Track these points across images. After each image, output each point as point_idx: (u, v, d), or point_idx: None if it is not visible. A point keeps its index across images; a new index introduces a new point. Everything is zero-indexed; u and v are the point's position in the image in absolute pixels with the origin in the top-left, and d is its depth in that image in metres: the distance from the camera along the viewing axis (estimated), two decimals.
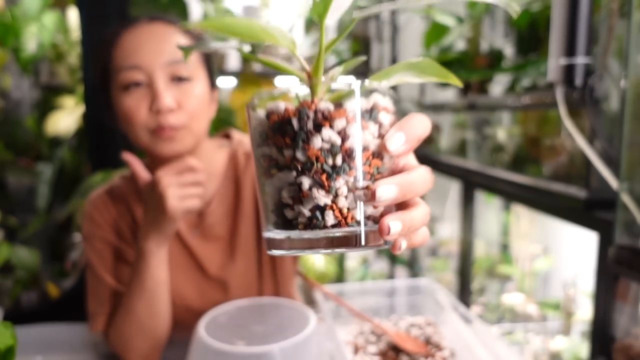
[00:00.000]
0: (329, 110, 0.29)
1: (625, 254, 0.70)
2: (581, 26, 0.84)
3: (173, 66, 0.70)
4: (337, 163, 0.29)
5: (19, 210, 2.22)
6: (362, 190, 0.29)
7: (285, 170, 0.30)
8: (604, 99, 0.85)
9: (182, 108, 0.70)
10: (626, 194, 0.70)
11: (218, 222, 0.81)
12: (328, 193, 0.29)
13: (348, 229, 0.29)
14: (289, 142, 0.29)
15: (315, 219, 0.29)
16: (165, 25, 0.73)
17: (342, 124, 0.29)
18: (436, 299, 0.86)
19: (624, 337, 0.77)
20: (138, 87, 0.70)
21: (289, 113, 0.29)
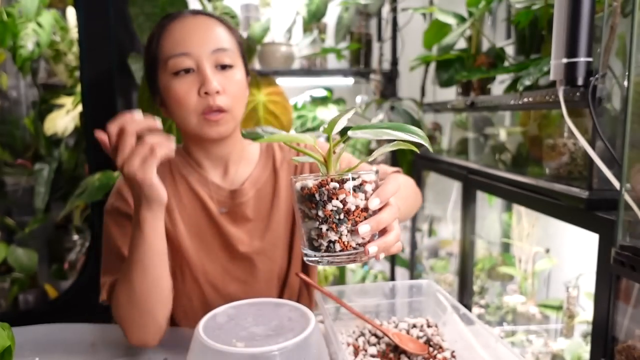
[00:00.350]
0: (335, 188, 0.51)
1: (627, 254, 0.70)
2: (583, 25, 0.83)
3: (217, 54, 0.77)
4: (340, 217, 0.51)
5: (17, 211, 2.21)
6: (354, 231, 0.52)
7: (313, 220, 0.52)
8: (606, 99, 0.84)
9: (226, 92, 0.77)
10: (628, 194, 0.69)
11: (248, 203, 0.86)
12: (336, 234, 0.51)
13: (348, 252, 0.52)
14: (314, 206, 0.51)
15: (330, 247, 0.52)
16: (208, 17, 0.80)
17: (343, 196, 0.51)
18: (437, 300, 0.86)
19: (626, 339, 0.76)
20: (187, 74, 0.76)
21: (313, 189, 0.51)
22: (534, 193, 1.04)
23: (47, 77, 2.20)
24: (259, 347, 0.61)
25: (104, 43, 1.67)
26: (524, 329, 1.47)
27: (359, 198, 0.51)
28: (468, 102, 1.41)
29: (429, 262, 2.06)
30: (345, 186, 0.51)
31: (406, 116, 1.94)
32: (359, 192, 0.51)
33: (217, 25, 0.80)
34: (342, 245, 0.51)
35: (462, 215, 1.43)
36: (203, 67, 0.76)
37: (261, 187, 0.89)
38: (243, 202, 0.87)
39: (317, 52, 2.06)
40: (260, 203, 0.88)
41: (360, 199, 0.51)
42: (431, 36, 1.63)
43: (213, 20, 0.81)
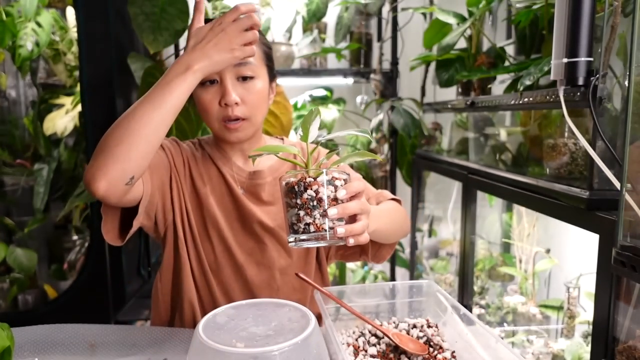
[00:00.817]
0: (310, 182, 0.65)
1: (627, 255, 0.70)
2: (584, 25, 0.83)
3: (239, 67, 0.84)
4: (314, 204, 0.65)
5: (16, 211, 2.21)
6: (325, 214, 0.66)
7: (293, 207, 0.66)
8: (606, 98, 0.84)
9: (245, 103, 0.86)
10: (629, 194, 0.69)
11: (264, 186, 0.94)
12: (310, 217, 0.65)
13: (321, 233, 0.65)
14: (294, 196, 0.66)
15: (306, 229, 0.66)
16: None
17: (316, 187, 0.65)
18: (437, 300, 0.85)
19: (627, 339, 0.76)
20: (212, 84, 0.85)
21: (294, 183, 0.66)
22: (534, 193, 1.04)
23: (46, 77, 2.19)
24: (259, 347, 0.61)
25: (104, 43, 1.67)
26: (524, 329, 1.47)
27: (330, 190, 0.65)
28: (468, 102, 1.40)
29: (429, 263, 2.06)
30: (318, 180, 0.65)
31: (406, 116, 1.94)
32: (330, 185, 0.66)
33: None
34: (316, 227, 0.64)
35: (463, 215, 1.43)
36: (224, 79, 0.84)
37: (278, 176, 0.93)
38: (259, 184, 0.94)
39: (317, 52, 2.06)
40: (277, 190, 0.95)
41: (331, 190, 0.65)
42: (431, 36, 1.63)
43: None
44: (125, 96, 1.80)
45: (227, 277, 0.94)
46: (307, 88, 2.28)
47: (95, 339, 0.88)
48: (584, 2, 0.82)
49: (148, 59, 1.70)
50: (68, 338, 0.88)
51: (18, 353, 0.83)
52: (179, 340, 0.87)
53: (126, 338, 0.88)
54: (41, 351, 0.84)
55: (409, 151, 2.11)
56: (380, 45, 2.13)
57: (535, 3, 1.20)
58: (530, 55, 1.25)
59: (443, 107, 1.72)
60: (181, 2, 1.48)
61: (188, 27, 0.79)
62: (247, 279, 0.93)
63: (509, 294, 1.65)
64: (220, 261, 0.93)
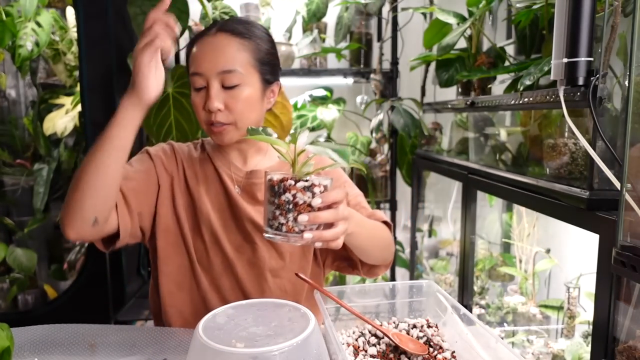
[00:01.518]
0: (289, 185, 0.66)
1: (628, 255, 0.70)
2: (584, 25, 0.83)
3: (223, 75, 0.86)
4: (290, 207, 0.66)
5: (16, 211, 2.21)
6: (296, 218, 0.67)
7: (271, 205, 0.68)
8: (606, 98, 0.84)
9: (229, 109, 0.87)
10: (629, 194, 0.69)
11: (260, 186, 0.94)
12: (284, 218, 0.67)
13: (291, 234, 0.67)
14: (273, 194, 0.67)
15: (279, 228, 0.68)
16: (226, 36, 0.88)
17: (294, 192, 0.66)
18: (437, 300, 0.85)
19: (627, 339, 0.76)
20: (201, 90, 0.88)
21: (275, 183, 0.67)
22: (534, 193, 1.04)
23: (46, 77, 2.19)
24: (258, 347, 0.61)
25: (103, 43, 1.67)
26: (524, 329, 1.47)
27: (306, 196, 0.66)
28: (468, 102, 1.40)
29: (429, 263, 2.06)
30: (297, 185, 0.66)
31: (406, 116, 1.94)
32: (307, 192, 0.67)
33: (231, 44, 0.87)
34: (288, 228, 0.67)
35: (463, 215, 1.43)
36: (209, 86, 0.87)
37: None
38: (256, 183, 0.95)
39: (317, 52, 2.06)
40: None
41: (307, 197, 0.67)
42: (431, 36, 1.62)
43: (230, 38, 0.87)
44: None
45: (218, 274, 0.94)
46: (307, 88, 2.28)
47: (95, 339, 0.88)
48: (584, 2, 0.82)
49: None
50: (68, 338, 0.88)
51: (18, 353, 0.83)
52: (179, 340, 0.87)
53: (126, 338, 0.88)
54: (41, 351, 0.84)
55: (409, 151, 2.11)
56: (380, 45, 2.13)
57: (535, 3, 1.20)
58: (530, 55, 1.25)
59: (443, 107, 1.72)
60: (181, 2, 1.48)
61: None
62: (238, 276, 0.93)
63: (509, 294, 1.65)
64: (212, 258, 0.94)
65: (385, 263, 0.97)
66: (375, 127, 2.07)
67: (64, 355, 0.83)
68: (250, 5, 2.06)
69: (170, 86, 1.56)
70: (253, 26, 0.92)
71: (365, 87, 2.34)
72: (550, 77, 0.89)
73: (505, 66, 1.34)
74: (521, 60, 1.30)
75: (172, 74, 1.59)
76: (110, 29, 1.67)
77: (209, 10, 1.67)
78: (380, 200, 2.19)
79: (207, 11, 1.65)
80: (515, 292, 1.64)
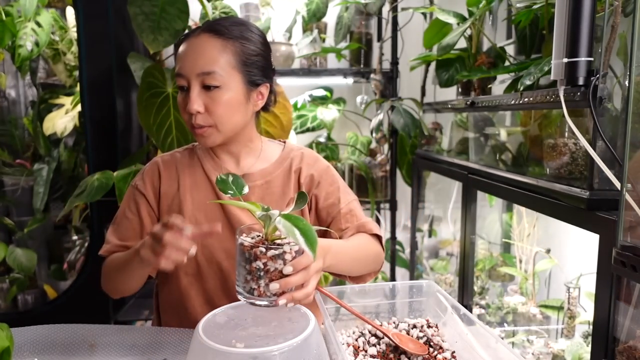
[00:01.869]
0: (260, 252, 0.66)
1: (628, 255, 0.70)
2: (584, 25, 0.83)
3: (203, 77, 0.85)
4: (261, 274, 0.67)
5: (16, 211, 2.21)
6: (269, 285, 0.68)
7: (243, 268, 0.68)
8: (607, 98, 0.84)
9: (209, 111, 0.86)
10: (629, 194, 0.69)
11: (253, 189, 0.94)
12: (256, 284, 0.67)
13: (263, 299, 0.68)
14: (244, 259, 0.68)
15: (251, 291, 0.68)
16: (208, 36, 0.86)
17: (264, 260, 0.67)
18: (437, 300, 0.85)
19: (627, 339, 0.76)
20: (184, 90, 0.88)
21: (246, 248, 0.67)
22: (534, 193, 1.04)
23: (46, 77, 2.19)
24: (258, 347, 0.61)
25: (103, 42, 1.67)
26: (524, 329, 1.47)
27: (277, 264, 0.67)
28: (468, 102, 1.40)
29: (430, 263, 2.06)
30: (268, 253, 0.66)
31: (406, 116, 1.94)
32: (279, 259, 0.67)
33: (213, 45, 0.86)
34: (259, 292, 0.67)
35: (463, 215, 1.43)
36: (190, 88, 0.86)
37: (271, 180, 0.96)
38: (250, 187, 0.93)
39: (317, 52, 2.06)
40: (267, 194, 0.96)
41: (279, 264, 0.67)
42: (431, 36, 1.62)
43: (212, 39, 0.86)
44: (125, 96, 1.80)
45: (211, 281, 0.94)
46: (307, 88, 2.28)
47: (95, 339, 0.88)
48: (584, 2, 0.82)
49: (148, 59, 1.70)
50: (68, 338, 0.88)
51: (17, 353, 0.83)
52: (179, 340, 0.87)
53: (126, 338, 0.88)
54: (41, 351, 0.84)
55: (409, 151, 2.11)
56: (380, 45, 2.13)
57: (535, 3, 1.20)
58: (530, 55, 1.25)
59: (443, 107, 1.72)
60: (181, 2, 1.48)
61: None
62: (229, 282, 0.93)
63: (509, 294, 1.65)
64: (202, 265, 0.93)
65: (372, 272, 0.95)
66: (375, 127, 2.07)
67: (64, 355, 0.83)
68: (250, 5, 2.06)
69: (170, 86, 1.56)
70: (242, 26, 0.89)
71: (365, 87, 2.34)
72: (550, 77, 0.89)
73: (505, 66, 1.34)
74: (521, 60, 1.30)
75: (172, 73, 1.59)
76: (110, 29, 1.67)
77: (209, 10, 1.67)
78: (380, 200, 2.19)
79: (207, 11, 1.65)
80: (515, 292, 1.63)
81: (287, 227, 0.63)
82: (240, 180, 0.75)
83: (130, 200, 0.96)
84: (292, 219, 0.64)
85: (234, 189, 0.74)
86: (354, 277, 0.95)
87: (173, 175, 0.96)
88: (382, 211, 2.34)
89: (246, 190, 0.74)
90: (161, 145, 1.56)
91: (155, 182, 0.96)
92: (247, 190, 0.74)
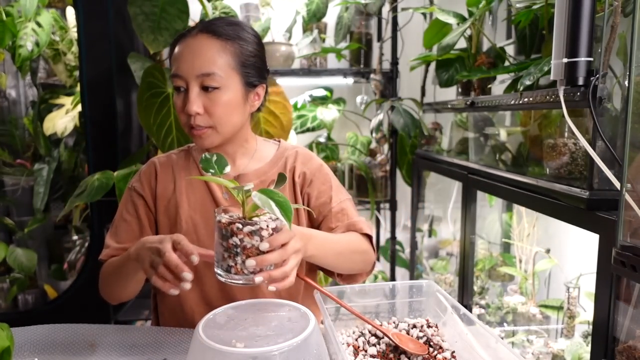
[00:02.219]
0: (238, 228, 0.66)
1: (627, 255, 0.70)
2: (584, 25, 0.83)
3: (202, 78, 0.84)
4: (237, 250, 0.66)
5: (16, 211, 2.21)
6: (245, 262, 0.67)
7: (220, 246, 0.68)
8: (606, 98, 0.84)
9: (208, 113, 0.86)
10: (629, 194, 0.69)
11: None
12: (233, 261, 0.67)
13: (240, 276, 0.67)
14: (222, 237, 0.67)
15: (229, 270, 0.68)
16: (207, 37, 0.86)
17: (241, 236, 0.66)
18: (437, 300, 0.85)
19: (627, 339, 0.76)
20: (181, 92, 0.87)
21: (223, 225, 0.67)
22: (534, 193, 1.04)
23: (46, 77, 2.19)
24: (258, 347, 0.61)
25: (104, 43, 1.67)
26: (524, 329, 1.47)
27: (254, 240, 0.66)
28: (468, 102, 1.40)
29: (429, 263, 2.06)
30: (244, 229, 0.66)
31: (406, 116, 1.94)
32: (255, 236, 0.66)
33: (211, 46, 0.85)
34: (237, 270, 0.67)
35: (463, 215, 1.43)
36: (189, 89, 0.85)
37: (266, 180, 0.96)
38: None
39: (317, 52, 2.06)
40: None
41: (255, 241, 0.66)
42: (431, 36, 1.62)
43: (211, 40, 0.85)
44: (125, 96, 1.80)
45: (208, 281, 0.93)
46: (307, 88, 2.28)
47: (95, 339, 0.88)
48: (584, 2, 0.82)
49: (148, 59, 1.70)
50: (68, 338, 0.88)
51: (18, 353, 0.83)
52: (179, 340, 0.87)
53: (126, 338, 0.88)
54: (41, 351, 0.84)
55: (409, 151, 2.11)
56: (380, 45, 2.13)
57: (535, 3, 1.20)
58: (530, 55, 1.25)
59: (443, 107, 1.72)
60: (181, 2, 1.48)
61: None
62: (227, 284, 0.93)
63: (509, 294, 1.65)
64: (199, 266, 0.92)
65: (363, 272, 0.95)
66: (375, 127, 2.07)
67: (64, 355, 0.83)
68: (250, 5, 2.06)
69: (170, 86, 1.56)
70: (237, 27, 0.89)
71: (365, 87, 2.34)
72: (550, 77, 0.89)
73: (505, 66, 1.34)
74: (521, 60, 1.30)
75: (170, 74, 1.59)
76: (110, 29, 1.67)
77: (209, 10, 1.67)
78: (380, 200, 2.19)
79: (207, 11, 1.65)
80: (515, 292, 1.64)
81: (263, 200, 0.63)
82: (223, 159, 0.74)
83: (127, 203, 0.96)
84: (267, 192, 0.65)
85: (215, 167, 0.73)
86: (344, 277, 0.95)
87: (169, 177, 0.96)
88: (382, 211, 2.34)
89: (227, 170, 0.73)
90: (161, 145, 1.57)
91: (152, 183, 0.96)
92: (228, 170, 0.73)
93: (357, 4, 2.05)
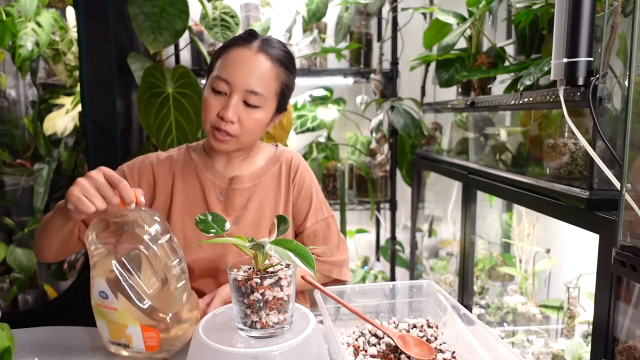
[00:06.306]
0: (256, 283, 0.64)
1: (628, 255, 0.70)
2: (584, 25, 0.83)
3: (248, 94, 0.89)
4: (260, 305, 0.65)
5: (16, 211, 2.21)
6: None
7: (242, 305, 0.66)
8: (606, 98, 0.84)
9: (239, 123, 0.90)
10: (629, 194, 0.69)
11: (243, 191, 0.98)
12: (257, 316, 0.65)
13: (266, 329, 0.66)
14: (241, 294, 0.65)
15: (253, 325, 0.66)
16: (268, 60, 0.90)
17: (262, 290, 0.64)
18: (437, 300, 0.85)
19: (627, 339, 0.76)
20: (220, 94, 0.90)
21: (240, 283, 0.65)
22: (534, 193, 1.04)
23: (46, 77, 2.19)
24: (258, 347, 0.61)
25: (104, 43, 1.67)
26: (524, 329, 1.47)
27: (275, 291, 0.65)
28: (468, 102, 1.40)
29: (429, 263, 2.06)
30: (264, 282, 0.64)
31: (406, 116, 1.94)
32: (276, 287, 0.65)
33: (268, 69, 0.90)
34: (262, 324, 0.66)
35: (463, 215, 1.43)
36: (231, 96, 0.89)
37: (259, 183, 1.00)
38: (237, 189, 0.98)
39: (317, 52, 2.06)
40: (255, 197, 0.99)
41: (277, 292, 0.65)
42: (431, 36, 1.62)
43: (270, 64, 0.90)
44: (125, 96, 1.79)
45: (205, 282, 0.96)
46: (307, 88, 2.28)
47: (96, 341, 0.88)
48: (584, 2, 0.82)
49: (148, 59, 1.70)
50: (68, 338, 0.88)
51: (18, 353, 0.83)
52: None
53: None
54: (41, 352, 0.84)
55: (409, 151, 2.11)
56: (380, 45, 2.13)
57: (535, 3, 1.20)
58: (530, 55, 1.25)
59: (443, 107, 1.72)
60: (181, 2, 1.48)
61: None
62: (216, 283, 0.96)
63: (509, 294, 1.65)
64: (191, 264, 0.96)
65: (329, 281, 1.04)
66: (375, 127, 2.07)
67: (65, 356, 0.83)
68: (250, 5, 2.06)
69: (170, 86, 1.56)
70: (291, 57, 0.95)
71: (365, 87, 2.34)
72: (550, 77, 0.89)
73: (505, 66, 1.34)
74: (521, 60, 1.30)
75: (172, 73, 1.59)
76: (110, 29, 1.67)
77: (209, 10, 1.67)
78: (380, 200, 2.19)
79: (207, 11, 1.65)
80: (515, 292, 1.64)
81: (280, 252, 0.62)
82: (220, 217, 0.72)
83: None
84: (282, 243, 0.63)
85: (216, 226, 0.70)
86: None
87: (168, 174, 0.98)
88: (382, 211, 2.34)
89: (228, 227, 0.71)
90: (161, 145, 1.57)
91: (149, 178, 0.98)
92: (228, 227, 0.71)
93: (357, 4, 2.05)
